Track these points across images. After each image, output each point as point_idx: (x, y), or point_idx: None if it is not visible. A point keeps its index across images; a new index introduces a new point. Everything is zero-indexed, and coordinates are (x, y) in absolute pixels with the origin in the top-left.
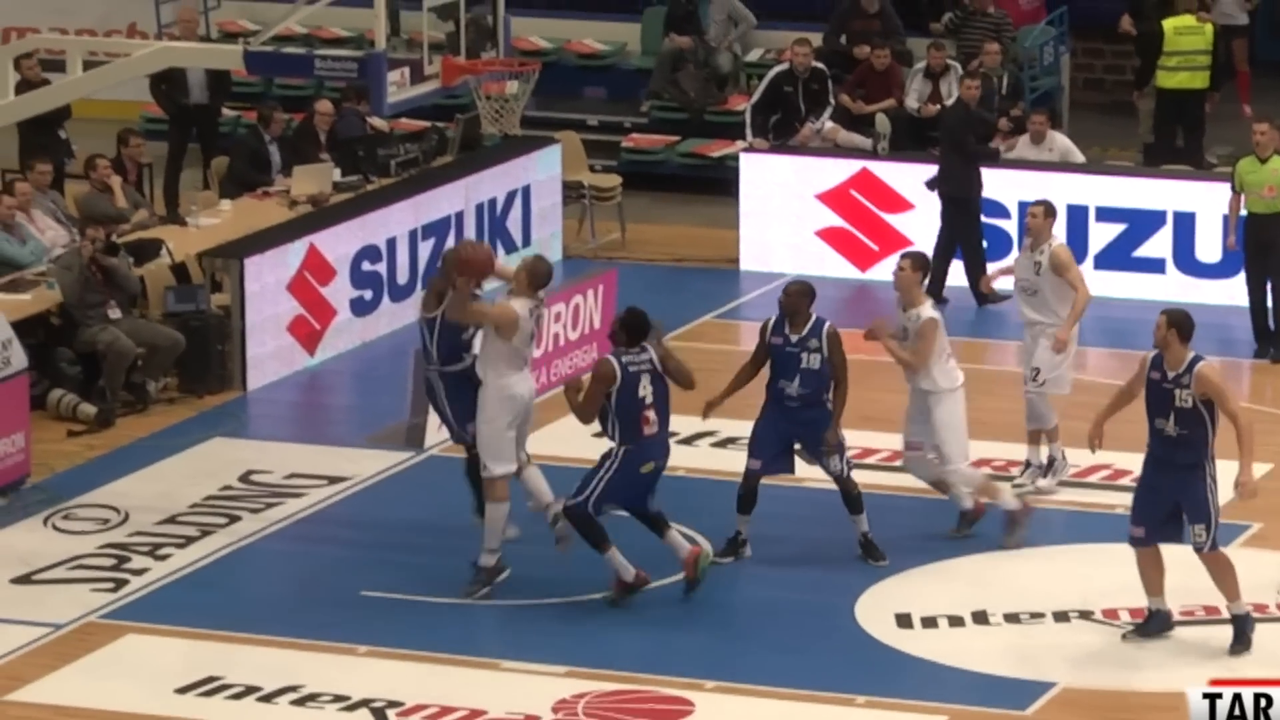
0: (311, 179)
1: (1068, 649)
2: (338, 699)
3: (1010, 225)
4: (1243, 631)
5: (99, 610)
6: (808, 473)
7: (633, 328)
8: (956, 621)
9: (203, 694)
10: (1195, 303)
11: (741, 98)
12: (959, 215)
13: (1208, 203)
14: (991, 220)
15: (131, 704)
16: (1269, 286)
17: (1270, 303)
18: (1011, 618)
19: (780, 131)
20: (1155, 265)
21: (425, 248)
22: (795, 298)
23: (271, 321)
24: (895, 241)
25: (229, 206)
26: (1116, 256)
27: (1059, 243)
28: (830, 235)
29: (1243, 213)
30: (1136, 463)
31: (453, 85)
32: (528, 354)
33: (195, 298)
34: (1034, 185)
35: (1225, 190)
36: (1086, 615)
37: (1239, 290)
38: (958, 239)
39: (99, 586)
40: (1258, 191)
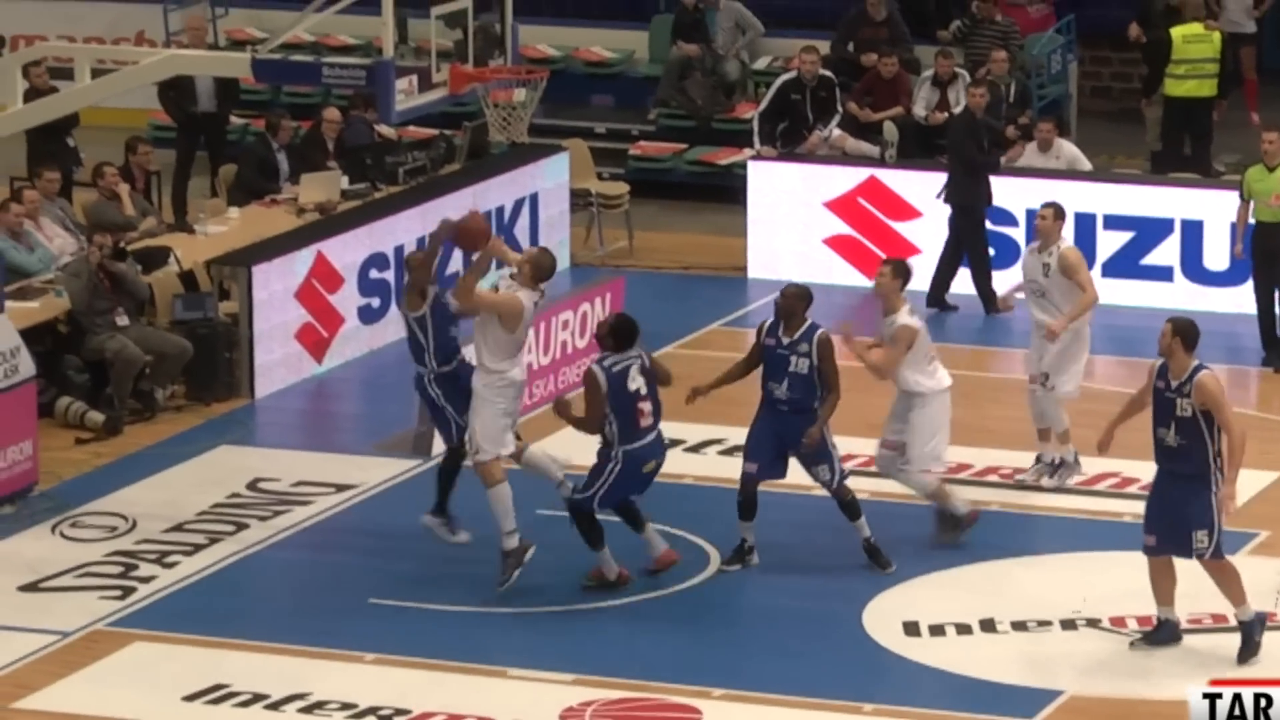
0: (319, 187)
1: (1075, 657)
2: (345, 707)
3: (1018, 233)
4: (1250, 638)
5: (106, 618)
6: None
7: (621, 334)
8: (964, 629)
9: (210, 702)
10: (1203, 311)
11: (749, 105)
12: (965, 224)
13: (1215, 211)
14: (999, 228)
15: (139, 712)
16: (1277, 295)
17: (1278, 310)
18: (1019, 625)
19: (788, 139)
20: (1163, 273)
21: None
22: (791, 300)
23: (279, 329)
24: (903, 249)
25: (237, 214)
26: (1124, 264)
27: (1068, 244)
28: (838, 243)
29: (1251, 221)
30: (1144, 470)
31: (460, 93)
32: (525, 343)
33: (203, 305)
34: (1041, 193)
35: (1233, 198)
36: (1094, 623)
37: (1247, 298)
38: (964, 247)
39: (106, 594)
40: (1265, 200)
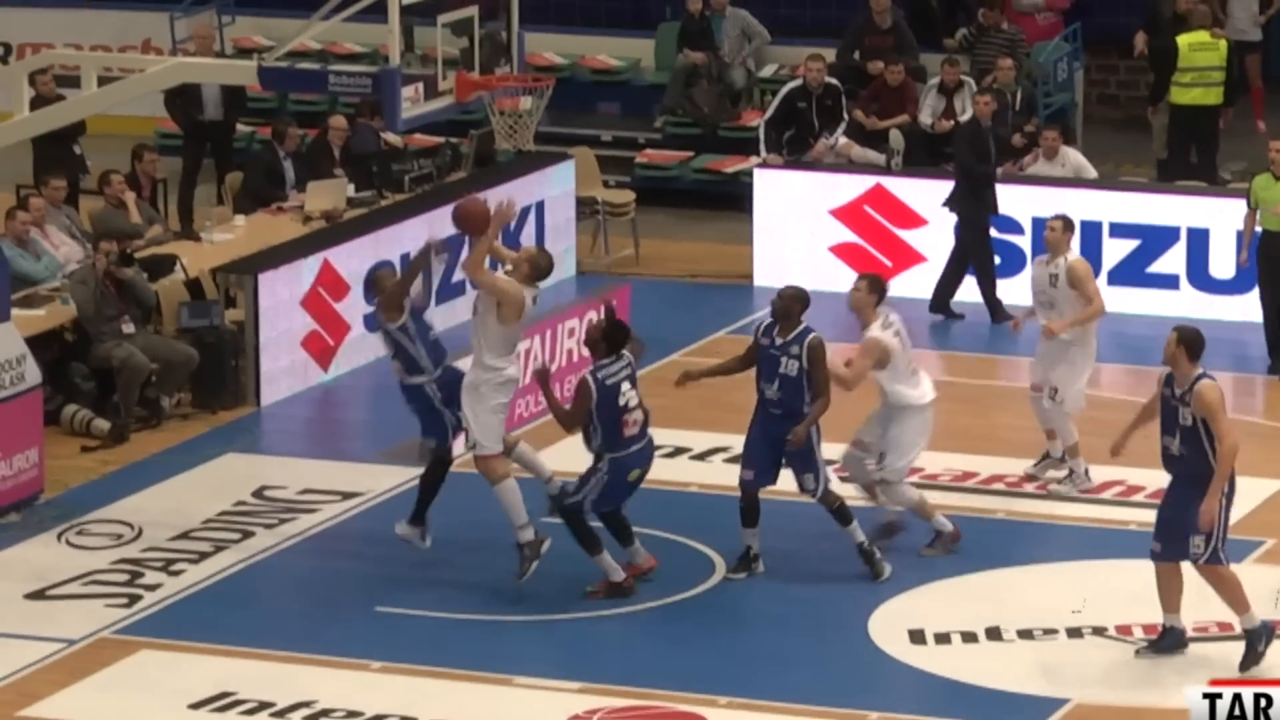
0: (326, 194)
1: (1081, 665)
2: (351, 715)
3: (1023, 241)
4: (1253, 647)
5: (112, 626)
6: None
7: (614, 339)
8: (970, 637)
9: (216, 709)
10: (1209, 319)
11: (755, 113)
12: (970, 232)
13: (1221, 219)
14: (1004, 236)
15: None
16: None
17: None
18: (1025, 634)
19: (794, 147)
20: (1169, 281)
21: (438, 263)
22: (787, 301)
23: (285, 337)
24: (909, 257)
25: (243, 222)
26: (1130, 272)
27: (1076, 255)
28: (844, 251)
29: (1257, 229)
30: (1149, 479)
31: (467, 101)
32: (519, 340)
33: (209, 313)
34: (1047, 201)
35: (1239, 206)
36: (1100, 631)
37: (1253, 306)
38: (970, 255)
39: (112, 602)
40: (1272, 208)
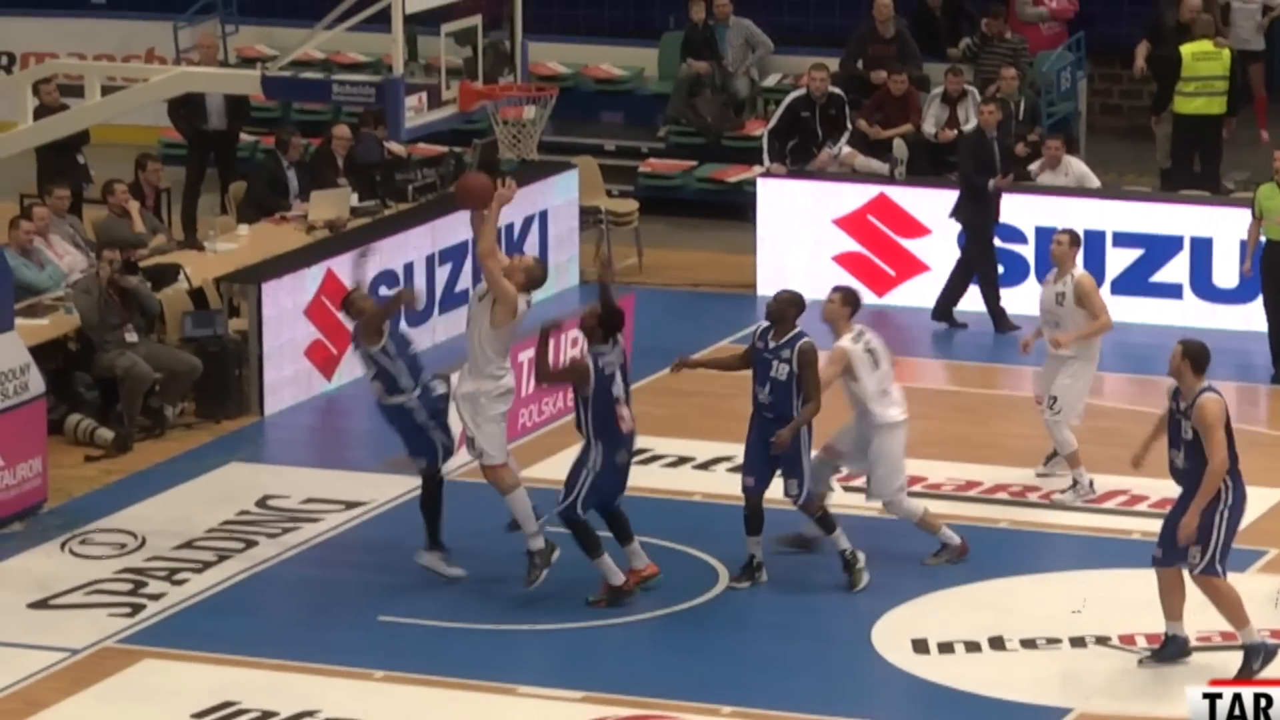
0: (329, 204)
1: (1084, 675)
2: None
3: (1027, 250)
4: (1249, 664)
5: (116, 635)
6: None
7: (610, 325)
8: (973, 647)
9: (219, 719)
10: (1212, 328)
11: (759, 123)
12: (973, 242)
13: (1225, 228)
14: (1008, 245)
15: None
16: None
17: None
18: (1028, 643)
19: (797, 156)
20: (1172, 290)
21: (442, 273)
22: (782, 305)
23: (289, 346)
24: (912, 266)
25: (247, 231)
26: (1133, 282)
27: (1082, 272)
28: (847, 260)
29: (1261, 239)
30: (1152, 488)
31: (470, 110)
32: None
33: (213, 323)
34: (1050, 210)
35: (1242, 215)
36: (1103, 641)
37: (1257, 316)
38: (973, 265)
39: (116, 611)
40: (1276, 218)
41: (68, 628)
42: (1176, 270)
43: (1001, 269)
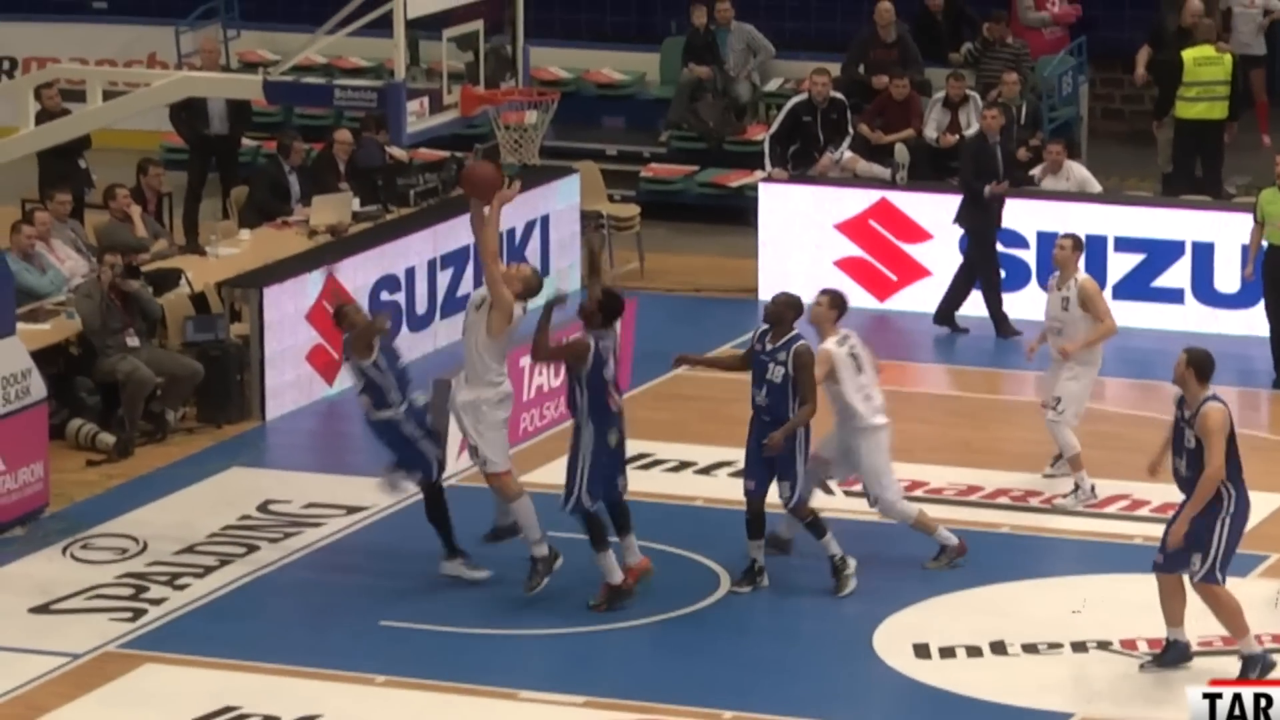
0: (331, 208)
1: (1086, 679)
2: None
3: (1028, 255)
4: (1246, 674)
5: (117, 640)
6: (822, 501)
7: (610, 310)
8: (974, 652)
9: None
10: (1214, 333)
11: (760, 127)
12: (974, 247)
13: (1226, 233)
14: (1009, 250)
15: None
16: None
17: None
18: (1030, 648)
19: (799, 161)
20: (1174, 295)
21: (444, 277)
22: (779, 307)
23: (290, 351)
24: (914, 271)
25: (248, 236)
26: (1135, 287)
27: (1085, 276)
28: (849, 265)
29: (1263, 244)
30: (1153, 493)
31: (472, 115)
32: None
33: (214, 327)
34: (1051, 215)
35: (1243, 220)
36: (1104, 646)
37: (1259, 320)
38: (975, 270)
39: (117, 616)
40: (1278, 223)
41: (69, 632)
42: (1178, 275)
43: (1004, 274)
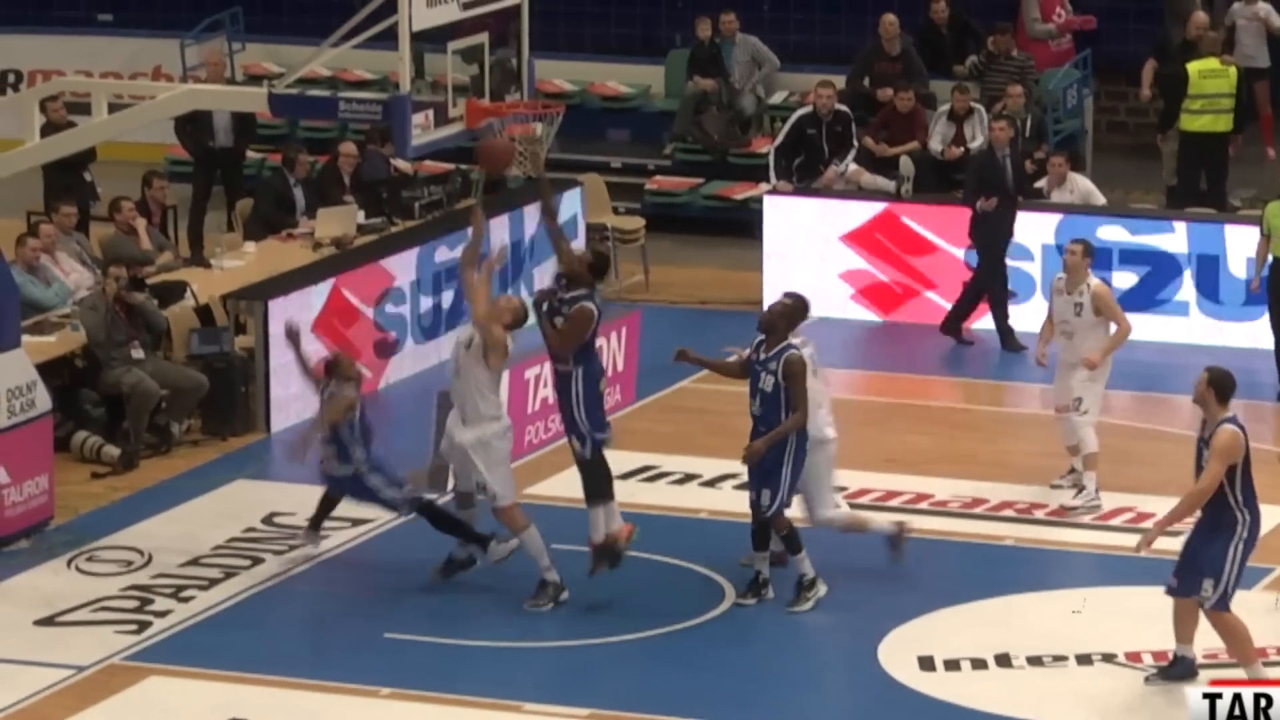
0: (335, 221)
1: (1091, 692)
2: None
3: (1033, 267)
4: None
5: (122, 652)
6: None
7: (598, 269)
8: (979, 664)
9: None
10: (1219, 346)
11: (765, 140)
12: (982, 260)
13: (1231, 245)
14: (1015, 262)
15: None
16: None
17: None
18: (1035, 660)
19: (804, 174)
20: (1179, 308)
21: (449, 290)
22: (773, 317)
23: (295, 363)
24: (919, 283)
25: (253, 249)
26: (1140, 299)
27: (1097, 281)
28: (854, 277)
29: (1270, 256)
30: (1159, 505)
31: (477, 127)
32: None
33: (219, 340)
34: (1056, 227)
35: (1248, 233)
36: (1110, 658)
37: (1264, 333)
38: (982, 283)
39: (122, 628)
40: None
41: (74, 644)
42: (1183, 288)
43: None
